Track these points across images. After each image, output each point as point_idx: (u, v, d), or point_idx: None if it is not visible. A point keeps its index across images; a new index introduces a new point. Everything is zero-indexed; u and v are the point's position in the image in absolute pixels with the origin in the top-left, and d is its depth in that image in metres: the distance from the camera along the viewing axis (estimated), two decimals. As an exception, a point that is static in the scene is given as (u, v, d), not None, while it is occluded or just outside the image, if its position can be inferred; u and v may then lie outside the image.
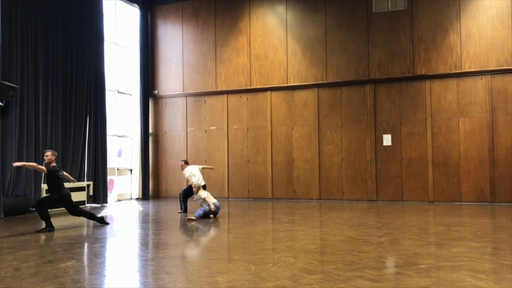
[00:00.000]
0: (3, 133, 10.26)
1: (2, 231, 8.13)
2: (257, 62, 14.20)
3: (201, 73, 14.95)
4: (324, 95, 13.51)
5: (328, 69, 13.48)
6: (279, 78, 13.96)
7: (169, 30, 15.51)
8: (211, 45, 14.83)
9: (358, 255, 5.63)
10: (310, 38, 13.68)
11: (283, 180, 13.82)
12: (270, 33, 14.13)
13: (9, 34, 10.44)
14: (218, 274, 4.73)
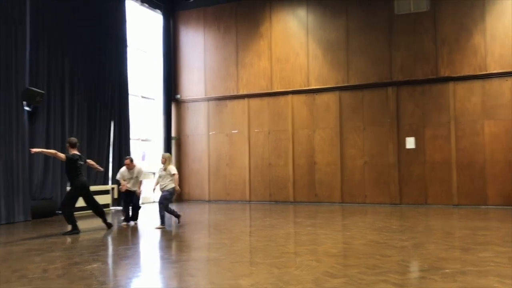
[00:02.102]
0: (31, 137, 10.52)
1: (30, 233, 8.34)
2: (278, 66, 14.23)
3: (222, 77, 15.05)
4: (346, 98, 13.44)
5: (350, 72, 13.41)
6: (300, 82, 13.95)
7: (191, 35, 15.67)
8: (232, 50, 14.92)
9: (382, 259, 5.59)
10: (331, 41, 13.63)
11: (305, 183, 13.79)
12: (291, 36, 14.14)
13: (36, 42, 10.71)
14: (241, 277, 4.76)
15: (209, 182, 15.07)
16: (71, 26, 11.68)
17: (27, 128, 10.46)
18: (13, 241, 7.57)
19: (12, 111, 10.01)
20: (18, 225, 9.54)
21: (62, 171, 11.02)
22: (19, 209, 10.01)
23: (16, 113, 10.10)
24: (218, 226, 9.15)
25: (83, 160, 8.48)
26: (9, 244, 7.16)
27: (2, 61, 9.87)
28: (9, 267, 5.35)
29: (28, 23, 10.49)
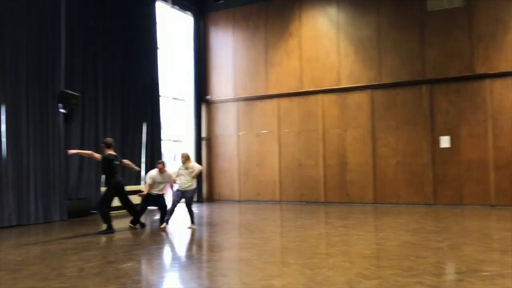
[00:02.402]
0: (67, 139, 10.80)
1: (66, 232, 8.55)
2: (308, 65, 14.13)
3: (252, 77, 15.06)
4: (378, 97, 13.23)
5: (382, 70, 13.19)
6: (330, 80, 13.82)
7: (220, 36, 15.75)
8: (261, 50, 14.92)
9: (416, 260, 5.47)
10: (363, 39, 13.45)
11: (336, 183, 13.64)
12: (321, 35, 14.03)
13: (71, 46, 10.99)
14: (273, 278, 4.74)
15: (239, 182, 15.11)
16: (103, 30, 11.93)
17: (62, 129, 10.75)
18: (50, 240, 7.78)
19: (48, 113, 10.30)
20: (55, 224, 9.81)
21: (97, 171, 11.28)
22: (56, 209, 10.29)
23: (52, 115, 10.39)
24: (249, 226, 9.16)
25: (118, 160, 8.64)
26: (47, 243, 7.37)
27: (40, 66, 10.16)
28: (48, 265, 5.50)
29: (63, 28, 10.77)
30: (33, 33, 10.05)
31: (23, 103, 9.76)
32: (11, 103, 9.55)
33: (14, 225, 9.31)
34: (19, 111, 9.68)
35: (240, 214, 11.67)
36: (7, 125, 9.46)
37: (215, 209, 12.85)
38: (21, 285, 4.52)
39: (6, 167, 9.36)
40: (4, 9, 9.48)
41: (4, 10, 9.48)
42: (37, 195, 9.92)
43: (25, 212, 9.63)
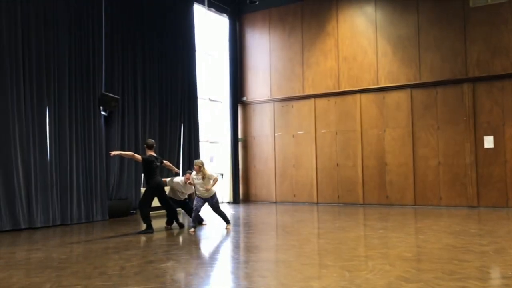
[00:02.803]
0: (108, 141, 11.08)
1: (107, 232, 8.76)
2: (345, 65, 13.96)
3: (288, 78, 15.02)
4: (418, 96, 12.92)
5: (422, 69, 12.88)
6: (369, 80, 13.60)
7: (256, 37, 15.79)
8: (298, 50, 14.85)
9: (460, 264, 5.29)
10: (402, 38, 13.17)
11: (375, 185, 13.40)
12: (358, 34, 13.83)
13: (111, 50, 11.27)
14: (311, 279, 4.70)
15: (276, 183, 15.08)
16: (142, 34, 12.17)
17: (103, 132, 11.03)
18: (92, 239, 8.00)
19: (90, 116, 10.60)
20: (96, 224, 10.07)
21: (137, 172, 11.51)
22: (97, 209, 10.57)
23: (94, 118, 10.68)
24: (286, 228, 9.12)
25: (159, 161, 8.78)
26: (89, 242, 7.57)
27: (81, 70, 10.47)
28: (90, 264, 5.64)
29: (103, 33, 11.05)
30: (75, 39, 10.36)
31: (66, 106, 10.07)
32: (55, 106, 9.88)
33: (57, 225, 9.63)
34: (62, 114, 10.00)
35: (277, 215, 11.64)
36: (51, 127, 9.79)
37: (252, 210, 12.87)
38: (65, 282, 4.65)
39: (51, 168, 9.68)
40: (47, 16, 9.81)
41: (48, 18, 9.82)
42: (80, 195, 10.22)
43: (68, 212, 9.94)
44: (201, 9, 14.68)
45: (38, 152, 9.47)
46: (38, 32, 9.62)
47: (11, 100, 9.00)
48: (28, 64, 9.40)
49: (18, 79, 9.17)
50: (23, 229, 8.93)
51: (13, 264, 5.67)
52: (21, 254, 6.43)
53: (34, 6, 9.56)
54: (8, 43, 9.02)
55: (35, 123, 9.45)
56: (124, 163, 11.39)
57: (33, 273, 5.14)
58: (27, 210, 9.13)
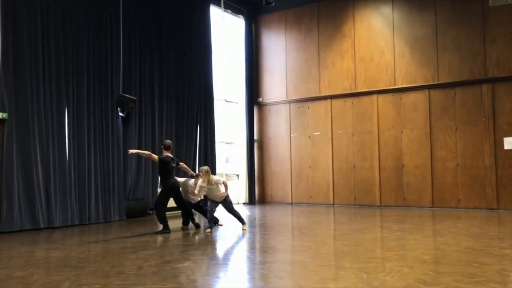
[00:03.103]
0: (125, 141, 11.18)
1: (125, 232, 8.84)
2: (362, 65, 13.88)
3: (304, 79, 14.99)
4: (436, 97, 12.78)
5: (440, 69, 12.73)
6: (386, 81, 13.50)
7: (272, 38, 15.79)
8: (314, 51, 14.81)
9: (480, 267, 5.21)
10: (419, 38, 13.04)
11: (392, 186, 13.29)
12: (375, 35, 13.74)
13: (129, 51, 11.38)
14: (328, 281, 4.67)
15: (292, 185, 15.06)
16: (159, 35, 12.27)
17: (121, 132, 11.14)
18: (110, 239, 8.08)
19: (108, 117, 10.71)
20: (114, 224, 10.17)
21: (153, 173, 11.60)
22: (115, 209, 10.67)
23: (111, 119, 10.79)
24: (302, 229, 9.10)
25: (175, 162, 8.84)
26: (107, 242, 7.65)
27: (99, 71, 10.59)
28: (109, 263, 5.70)
29: (120, 35, 11.17)
30: (93, 40, 10.49)
31: (85, 107, 10.19)
32: (74, 107, 10.01)
33: (76, 224, 9.75)
34: (81, 114, 10.13)
35: (293, 217, 11.61)
36: (70, 128, 9.93)
37: (268, 211, 12.86)
38: (84, 281, 4.71)
39: (69, 169, 9.81)
40: (66, 17, 9.95)
41: (66, 19, 9.96)
42: (98, 196, 10.33)
43: (86, 212, 10.06)
44: (217, 10, 14.73)
45: (57, 153, 9.61)
46: (57, 34, 9.76)
47: (31, 101, 9.15)
48: (48, 66, 9.55)
49: (37, 81, 9.32)
50: (43, 228, 9.06)
51: (34, 263, 5.76)
52: (41, 253, 6.53)
53: (53, 8, 9.71)
54: (28, 45, 9.17)
55: (54, 123, 9.59)
56: (141, 164, 11.48)
57: (53, 271, 5.21)
58: (46, 210, 9.27)
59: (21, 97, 9.02)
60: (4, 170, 8.64)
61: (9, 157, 8.72)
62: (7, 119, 8.73)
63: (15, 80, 8.94)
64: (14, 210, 8.67)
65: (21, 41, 9.08)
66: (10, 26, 8.94)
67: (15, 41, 8.99)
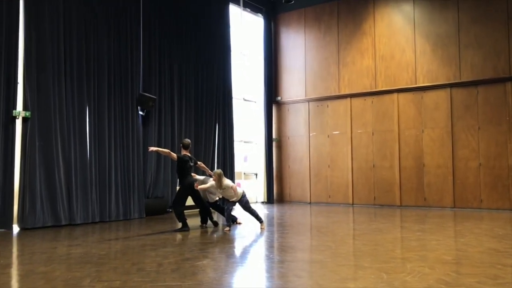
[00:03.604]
0: (145, 140, 11.28)
1: (144, 229, 8.92)
2: (382, 64, 13.73)
3: (323, 77, 14.90)
4: (458, 95, 12.56)
5: (462, 67, 12.51)
6: (406, 79, 13.33)
7: (291, 37, 15.74)
8: (333, 49, 14.71)
9: (504, 269, 5.10)
10: (441, 36, 12.84)
11: (413, 186, 13.12)
12: (396, 32, 13.58)
13: (148, 52, 11.47)
14: (348, 281, 4.63)
15: (310, 184, 14.99)
16: (178, 34, 12.34)
17: (141, 131, 11.24)
18: (130, 236, 8.15)
19: (128, 116, 10.82)
20: (133, 221, 10.27)
21: (173, 171, 11.67)
22: (135, 207, 10.77)
23: (132, 118, 10.90)
24: (321, 229, 9.04)
25: (192, 161, 8.88)
26: (127, 239, 7.73)
27: (120, 70, 10.71)
28: (129, 260, 5.75)
29: (141, 35, 11.27)
30: (113, 40, 10.61)
31: (105, 106, 10.31)
32: (95, 106, 10.14)
33: (96, 222, 9.88)
34: (101, 113, 10.25)
35: (312, 216, 11.55)
36: (91, 127, 10.05)
37: (286, 210, 12.83)
38: (104, 277, 4.76)
39: (90, 167, 9.94)
40: (87, 17, 10.08)
41: (88, 19, 10.09)
42: (118, 193, 10.45)
43: (107, 209, 10.18)
44: (236, 9, 14.76)
45: (79, 151, 9.74)
46: (79, 33, 9.90)
47: (53, 99, 9.29)
48: (69, 65, 9.69)
49: (59, 80, 9.47)
50: (64, 225, 9.21)
51: (55, 259, 5.84)
52: (63, 249, 6.62)
53: (75, 8, 9.84)
54: (50, 44, 9.32)
55: (75, 122, 9.73)
56: (160, 162, 11.57)
57: (74, 267, 5.28)
58: (67, 207, 9.41)
59: (44, 96, 9.17)
60: (27, 168, 8.80)
61: (32, 154, 8.88)
62: (30, 117, 8.89)
63: (38, 79, 9.10)
64: (37, 207, 8.83)
65: (44, 41, 9.23)
66: (33, 26, 9.10)
67: (37, 41, 9.15)
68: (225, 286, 4.48)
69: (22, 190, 8.76)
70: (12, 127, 8.75)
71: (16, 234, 8.30)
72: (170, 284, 4.43)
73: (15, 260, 6.13)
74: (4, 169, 8.53)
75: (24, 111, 8.88)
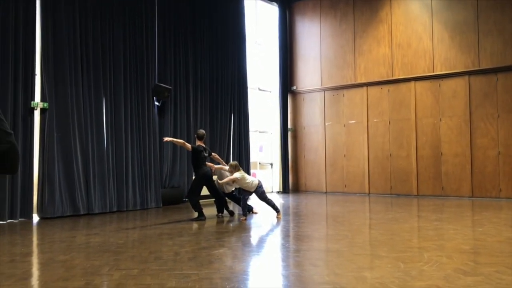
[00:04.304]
0: (161, 130, 11.35)
1: (161, 218, 9.01)
2: (399, 51, 13.54)
3: (339, 66, 14.77)
4: (477, 83, 12.35)
5: (481, 55, 12.28)
6: (424, 67, 13.13)
7: (307, 25, 15.61)
8: (349, 37, 14.55)
9: (524, 258, 5.03)
10: (459, 23, 12.60)
11: (430, 175, 12.98)
12: (413, 20, 13.36)
13: (164, 42, 11.50)
14: (365, 270, 4.62)
15: (326, 174, 14.94)
16: (193, 24, 12.33)
17: (157, 122, 11.31)
18: (147, 225, 8.25)
19: (144, 106, 10.89)
20: (150, 211, 10.38)
21: (189, 161, 11.72)
22: (151, 197, 10.88)
23: (147, 109, 10.96)
24: (337, 218, 9.02)
25: (207, 152, 8.91)
26: (144, 228, 7.82)
27: (135, 61, 10.76)
28: (146, 248, 5.82)
29: (156, 25, 11.29)
30: (129, 31, 10.66)
31: (122, 96, 10.39)
32: (111, 97, 10.22)
33: (114, 211, 10.01)
34: (118, 104, 10.33)
35: (327, 206, 11.53)
36: (108, 117, 10.15)
37: (302, 200, 12.83)
38: (123, 266, 4.82)
39: (107, 157, 10.05)
40: (103, 9, 10.13)
41: (104, 11, 10.14)
42: (135, 183, 10.56)
43: (124, 199, 10.30)
44: (251, -2, 14.68)
45: (96, 141, 9.85)
46: (95, 25, 9.96)
47: (70, 91, 9.39)
48: (86, 56, 9.77)
49: (76, 71, 9.56)
50: (82, 215, 9.35)
51: (74, 248, 5.94)
52: (81, 238, 6.73)
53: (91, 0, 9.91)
54: (66, 36, 9.40)
55: (92, 113, 9.83)
56: (176, 153, 11.64)
57: (93, 256, 5.36)
58: (86, 197, 9.54)
59: (61, 87, 9.27)
60: (46, 159, 8.94)
61: (50, 145, 9.01)
62: (47, 108, 9.01)
63: (55, 71, 9.20)
64: (56, 197, 8.97)
65: (60, 33, 9.31)
66: (50, 18, 9.18)
67: (54, 32, 9.24)
68: (242, 275, 4.51)
69: (41, 181, 8.92)
70: (31, 119, 8.88)
71: (36, 223, 8.46)
72: (187, 273, 4.48)
73: (35, 249, 6.25)
74: (23, 160, 8.67)
75: (42, 102, 9.00)
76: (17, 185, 8.50)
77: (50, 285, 4.09)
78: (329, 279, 4.25)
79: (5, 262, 5.10)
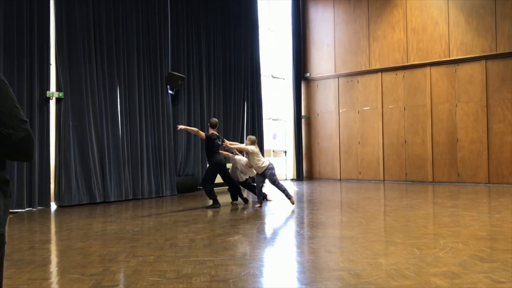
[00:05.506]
0: (174, 118, 11.40)
1: (176, 206, 9.09)
2: (414, 37, 13.35)
3: (353, 52, 14.61)
4: (494, 68, 12.13)
5: (498, 39, 12.04)
6: (439, 52, 12.93)
7: (320, 11, 15.44)
8: (363, 23, 14.37)
9: (541, 245, 4.98)
10: (476, 6, 12.35)
11: (445, 162, 12.86)
12: (428, 4, 13.13)
13: (177, 31, 11.49)
14: (380, 256, 4.61)
15: (340, 161, 14.89)
16: (206, 12, 12.30)
17: (171, 110, 11.35)
18: (163, 213, 8.33)
19: (158, 95, 10.93)
20: (165, 198, 10.47)
21: (202, 149, 11.77)
22: (166, 185, 10.97)
23: (161, 97, 11.00)
24: (351, 205, 9.01)
25: (220, 140, 8.93)
26: (159, 216, 7.90)
27: (149, 49, 10.78)
28: (162, 235, 5.88)
29: (169, 14, 11.28)
30: (142, 20, 10.66)
31: (135, 85, 10.44)
32: (125, 85, 10.28)
33: (130, 199, 10.12)
34: (132, 93, 10.39)
35: (342, 193, 11.51)
36: (122, 106, 10.22)
37: (316, 187, 12.82)
38: (139, 252, 4.89)
39: (123, 146, 10.14)
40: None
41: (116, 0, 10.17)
42: (150, 171, 10.65)
43: (140, 187, 10.40)
44: (263, -15, 14.55)
45: (111, 130, 9.94)
46: (108, 14, 9.99)
47: (85, 80, 9.47)
48: (99, 45, 9.82)
49: (90, 61, 9.62)
50: (99, 202, 9.48)
51: (92, 235, 6.03)
52: (98, 226, 6.83)
53: (104, -11, 9.93)
54: (80, 26, 9.44)
55: (107, 102, 9.90)
56: (190, 141, 11.70)
57: (109, 243, 5.44)
58: (102, 185, 9.66)
59: (76, 76, 9.35)
60: (62, 147, 9.05)
61: (66, 134, 9.11)
62: (63, 98, 9.10)
63: (70, 60, 9.27)
64: (72, 185, 9.10)
65: (74, 23, 9.36)
66: (64, 8, 9.22)
67: (68, 22, 9.29)
68: (256, 261, 4.54)
69: (58, 169, 9.05)
70: (47, 108, 8.98)
71: (53, 211, 8.61)
72: (202, 259, 4.52)
73: (53, 236, 6.36)
74: (40, 149, 8.80)
75: (57, 92, 9.09)
76: (35, 174, 8.64)
77: (68, 272, 4.17)
78: (344, 266, 4.26)
79: (24, 249, 5.21)
